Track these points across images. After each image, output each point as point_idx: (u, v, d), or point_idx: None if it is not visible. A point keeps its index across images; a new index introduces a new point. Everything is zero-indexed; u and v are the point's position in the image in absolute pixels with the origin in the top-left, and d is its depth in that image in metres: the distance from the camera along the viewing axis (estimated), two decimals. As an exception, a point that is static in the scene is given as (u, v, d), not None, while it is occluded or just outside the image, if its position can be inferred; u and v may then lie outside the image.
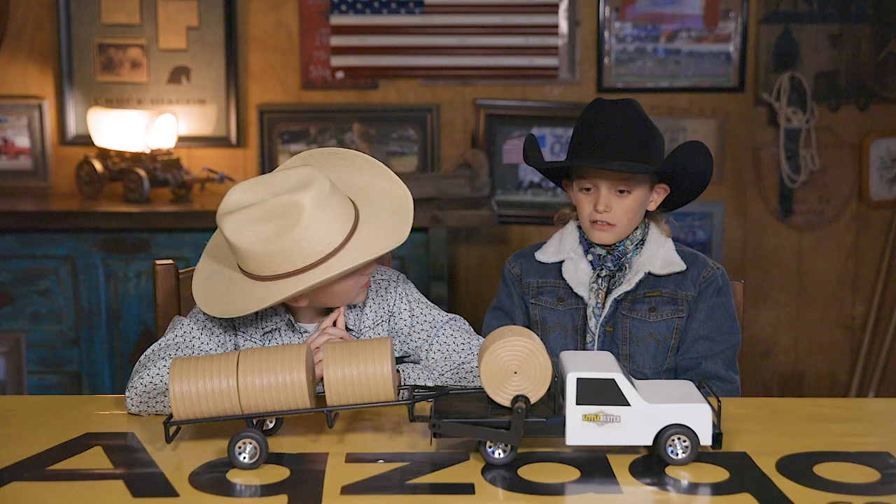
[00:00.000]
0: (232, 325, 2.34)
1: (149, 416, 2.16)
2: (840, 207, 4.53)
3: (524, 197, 4.47)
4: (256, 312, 2.32)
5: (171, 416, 1.96)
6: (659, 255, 2.50)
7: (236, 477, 1.86)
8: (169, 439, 1.96)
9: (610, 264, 2.50)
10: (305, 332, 2.35)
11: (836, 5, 4.41)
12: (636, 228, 2.51)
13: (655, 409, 1.89)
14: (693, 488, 1.83)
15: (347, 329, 2.36)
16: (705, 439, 1.90)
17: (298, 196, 2.11)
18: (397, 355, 2.42)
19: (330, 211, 2.14)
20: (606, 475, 1.86)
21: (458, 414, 1.92)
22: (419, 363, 2.38)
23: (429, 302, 2.45)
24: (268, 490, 1.82)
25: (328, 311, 2.35)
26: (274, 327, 2.34)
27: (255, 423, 1.97)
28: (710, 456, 1.93)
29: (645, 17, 4.40)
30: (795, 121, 4.42)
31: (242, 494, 1.81)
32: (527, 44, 4.39)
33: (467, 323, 2.45)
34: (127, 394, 2.18)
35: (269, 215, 2.11)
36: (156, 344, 2.27)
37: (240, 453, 1.89)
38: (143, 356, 2.24)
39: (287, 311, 2.34)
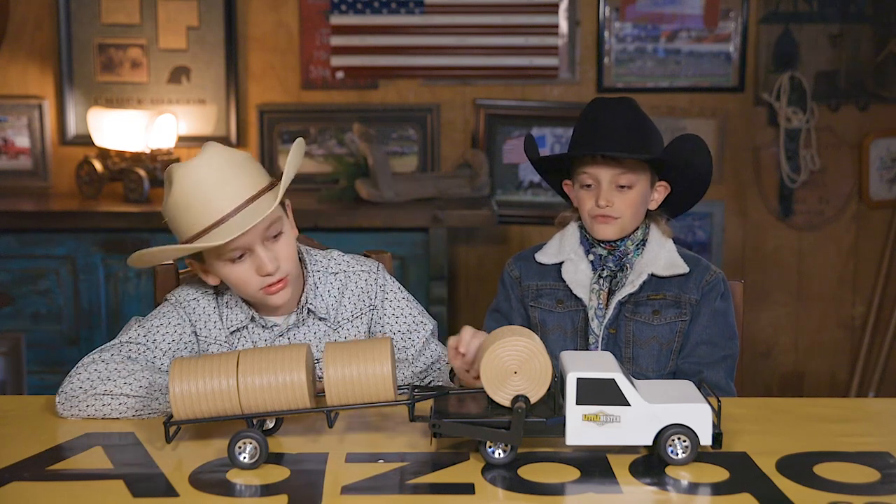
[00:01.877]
0: (193, 331, 2.28)
1: (80, 416, 2.14)
2: (840, 207, 4.53)
3: (524, 197, 4.47)
4: (220, 314, 2.29)
5: (171, 416, 1.96)
6: (661, 256, 2.50)
7: (236, 477, 1.86)
8: (169, 439, 1.96)
9: (611, 264, 2.50)
10: (274, 325, 2.30)
11: (836, 5, 4.41)
12: (637, 229, 2.51)
13: (655, 408, 1.89)
14: (693, 488, 1.83)
15: (320, 319, 2.32)
16: (705, 439, 1.89)
17: (178, 165, 2.15)
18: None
19: (204, 186, 2.10)
20: (606, 475, 1.86)
21: (458, 414, 1.92)
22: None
23: (409, 296, 2.43)
24: (268, 490, 1.82)
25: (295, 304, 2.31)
26: (240, 325, 2.29)
27: (255, 423, 1.97)
28: (710, 456, 1.93)
29: (645, 16, 4.40)
30: (795, 121, 4.42)
31: (242, 494, 1.80)
32: (527, 44, 4.39)
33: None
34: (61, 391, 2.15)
35: (166, 178, 2.18)
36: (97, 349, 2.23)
37: (240, 453, 1.89)
38: (86, 357, 2.20)
39: (250, 307, 2.29)
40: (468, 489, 1.81)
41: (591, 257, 2.52)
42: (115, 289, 3.96)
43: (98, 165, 4.13)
